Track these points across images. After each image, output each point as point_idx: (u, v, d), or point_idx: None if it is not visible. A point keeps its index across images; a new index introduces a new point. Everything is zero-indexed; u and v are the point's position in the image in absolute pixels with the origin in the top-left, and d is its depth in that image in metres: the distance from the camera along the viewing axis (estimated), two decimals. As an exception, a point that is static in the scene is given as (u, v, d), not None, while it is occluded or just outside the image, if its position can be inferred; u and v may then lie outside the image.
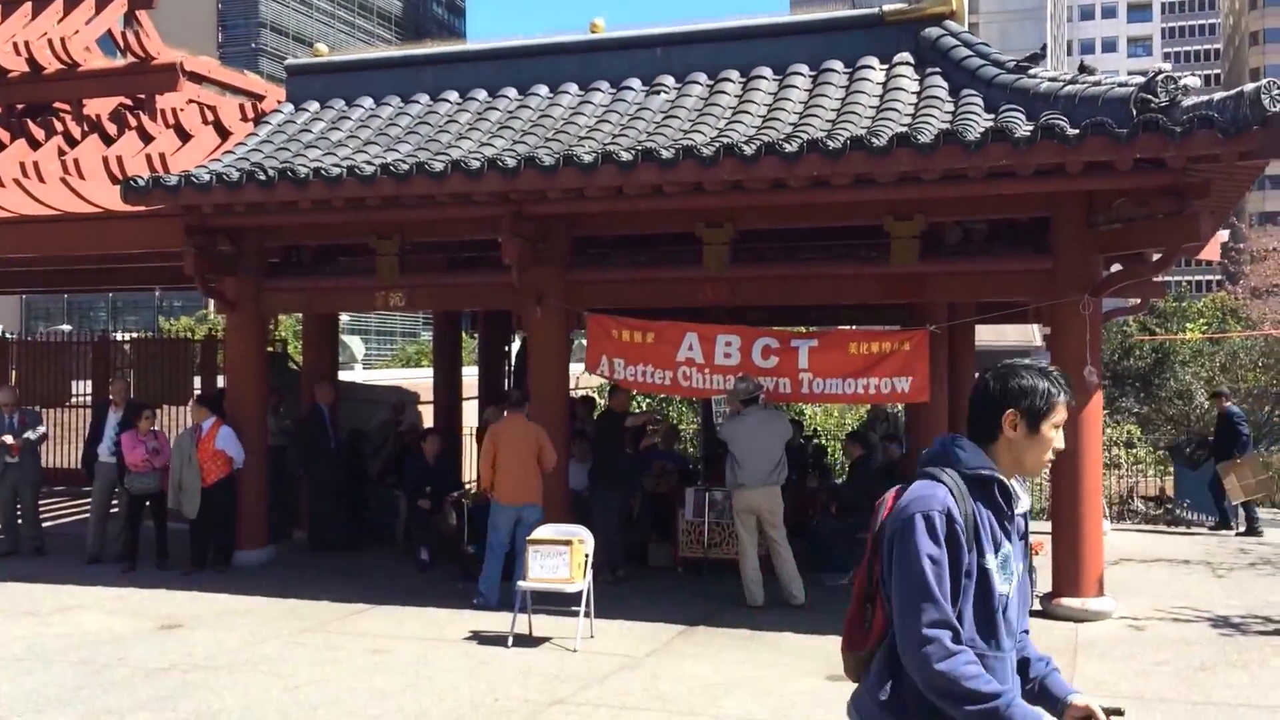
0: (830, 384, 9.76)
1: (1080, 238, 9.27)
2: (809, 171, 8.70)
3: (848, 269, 9.95)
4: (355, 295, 11.25)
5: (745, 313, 12.42)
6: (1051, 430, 2.94)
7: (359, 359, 28.65)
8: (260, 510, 11.29)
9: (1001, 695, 2.71)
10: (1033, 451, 2.94)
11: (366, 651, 7.95)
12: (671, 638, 8.46)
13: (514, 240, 9.69)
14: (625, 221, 10.25)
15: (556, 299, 10.26)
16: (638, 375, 10.10)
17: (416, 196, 9.62)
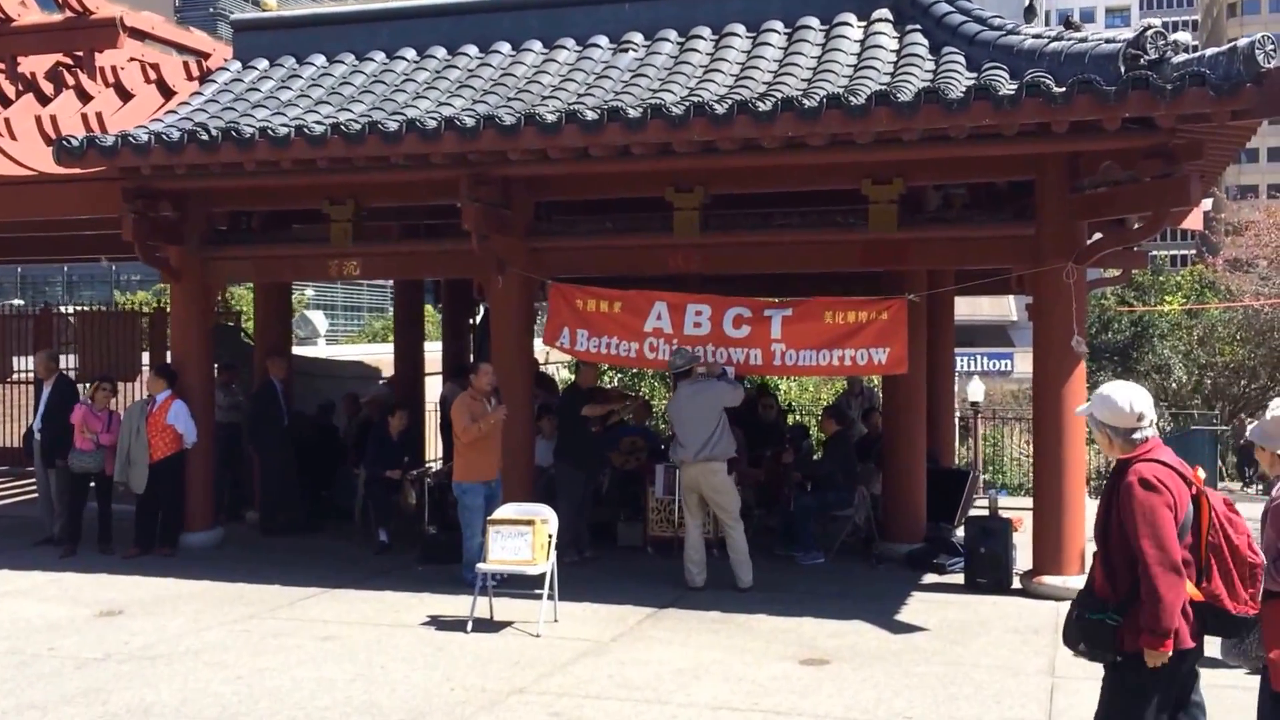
0: (804, 355, 9.33)
1: (1065, 203, 8.89)
2: (784, 132, 8.26)
3: (824, 235, 9.52)
4: (308, 263, 10.73)
5: (717, 283, 12.00)
6: None
7: (321, 334, 28.11)
8: (208, 490, 10.80)
9: None
10: None
11: (317, 639, 7.51)
12: (639, 621, 8.07)
13: (473, 205, 9.20)
14: (591, 185, 9.79)
15: (519, 267, 9.79)
16: (601, 347, 9.65)
17: (369, 158, 9.11)
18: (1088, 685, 6.66)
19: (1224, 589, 4.08)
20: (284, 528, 11.23)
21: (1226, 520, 4.12)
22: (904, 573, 9.79)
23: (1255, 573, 4.13)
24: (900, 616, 8.24)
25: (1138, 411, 4.16)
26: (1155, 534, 3.97)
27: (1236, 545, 4.11)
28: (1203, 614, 4.11)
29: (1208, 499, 4.12)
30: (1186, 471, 4.15)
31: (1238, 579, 4.09)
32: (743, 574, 9.03)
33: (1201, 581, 4.09)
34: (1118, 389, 4.26)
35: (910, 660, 7.16)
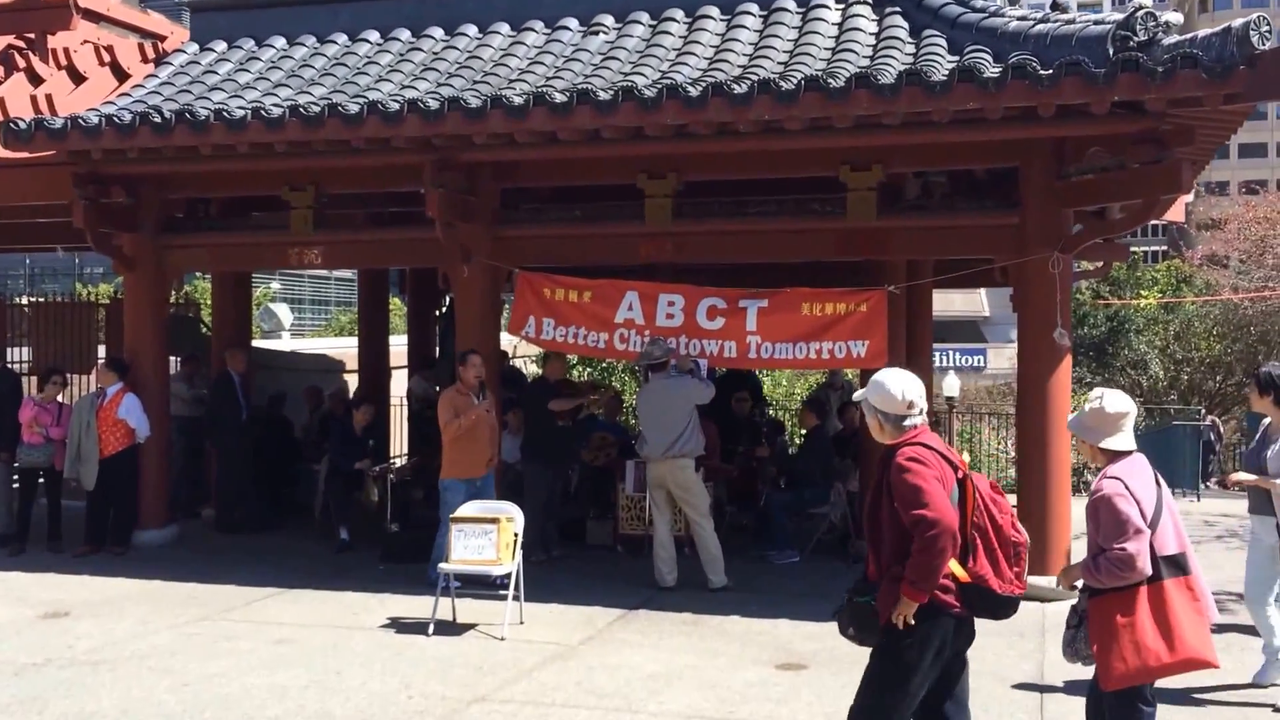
0: (780, 348, 9.04)
1: (1050, 190, 8.64)
2: (759, 115, 7.96)
3: (801, 224, 9.23)
4: (266, 252, 10.34)
5: (691, 274, 11.68)
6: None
7: (286, 327, 27.60)
8: (162, 486, 10.41)
9: None
10: None
11: (270, 642, 7.16)
12: (609, 623, 7.75)
13: (437, 191, 8.85)
14: (561, 172, 9.46)
15: (485, 256, 9.45)
16: (569, 337, 9.32)
17: (329, 142, 8.74)
18: (1078, 692, 6.41)
19: (989, 569, 4.08)
20: (242, 525, 10.84)
21: (991, 501, 4.15)
22: (882, 572, 9.48)
23: (1020, 552, 4.15)
24: (880, 618, 7.94)
25: (909, 399, 4.19)
26: (929, 500, 3.98)
27: (1001, 525, 4.13)
28: (969, 595, 4.09)
29: (972, 481, 4.14)
30: (952, 455, 4.18)
31: (1003, 559, 4.10)
32: (714, 574, 8.74)
33: (967, 561, 4.07)
34: (891, 376, 4.27)
35: (890, 664, 6.87)
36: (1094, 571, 4.25)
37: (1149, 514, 4.25)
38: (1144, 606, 4.19)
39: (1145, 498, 4.27)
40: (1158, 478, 4.44)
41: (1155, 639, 4.16)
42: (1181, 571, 4.28)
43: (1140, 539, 4.16)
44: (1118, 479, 4.28)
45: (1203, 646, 4.26)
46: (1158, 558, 4.23)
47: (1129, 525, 4.17)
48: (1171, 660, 4.19)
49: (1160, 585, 4.22)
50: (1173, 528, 4.34)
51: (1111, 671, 4.23)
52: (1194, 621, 4.22)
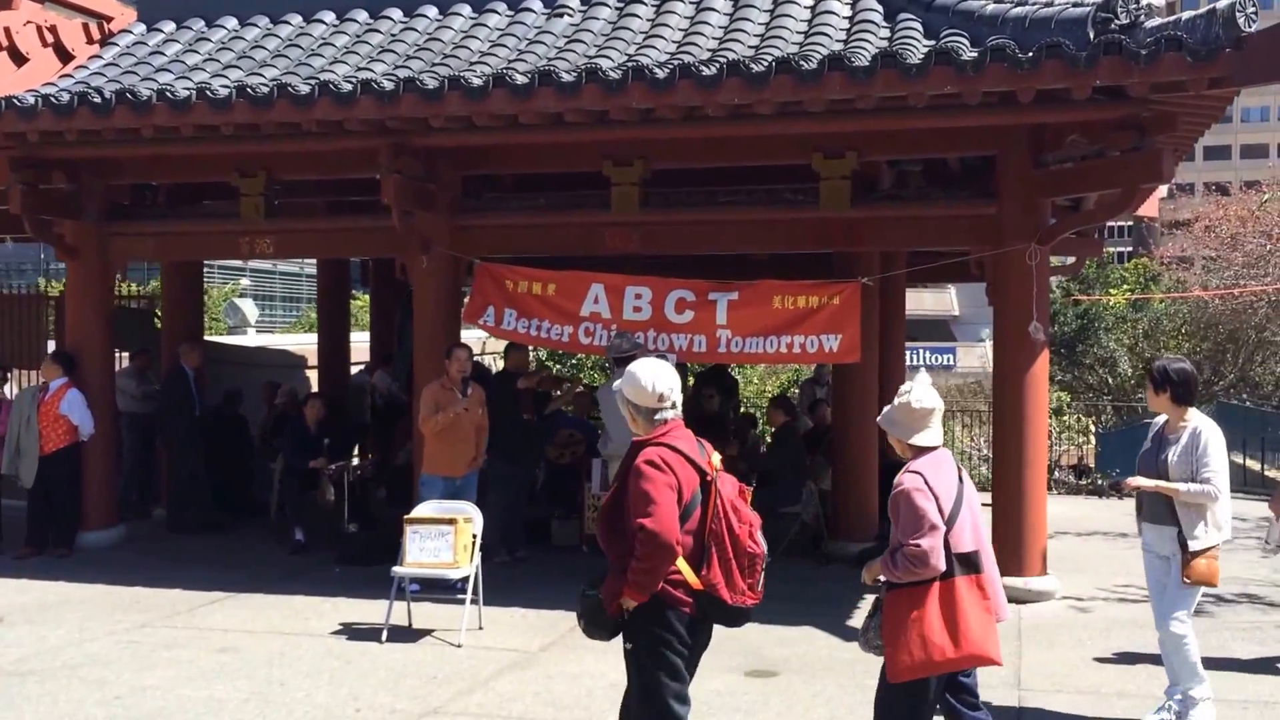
0: (751, 342, 8.73)
1: (1028, 179, 8.38)
2: (729, 98, 7.65)
3: (772, 214, 8.95)
4: (216, 240, 9.92)
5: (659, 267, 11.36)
6: None
7: (252, 323, 27.08)
8: (109, 485, 9.98)
9: None
10: None
11: (213, 650, 6.77)
12: (572, 628, 7.33)
13: (394, 177, 8.49)
14: (523, 158, 9.11)
15: (445, 245, 9.09)
16: (532, 330, 8.98)
17: (279, 125, 8.34)
18: (1057, 699, 6.15)
19: (722, 578, 4.01)
20: (194, 525, 10.42)
21: (731, 509, 4.06)
22: (855, 573, 9.05)
23: (755, 563, 4.07)
24: (853, 622, 7.66)
25: (659, 392, 4.09)
26: (654, 510, 3.90)
27: (738, 535, 4.05)
28: (701, 601, 4.03)
29: (717, 487, 4.04)
30: (699, 458, 4.06)
31: (736, 569, 4.03)
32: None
33: (701, 569, 4.00)
34: (644, 367, 4.18)
35: (864, 671, 6.56)
36: (891, 566, 4.24)
37: (947, 510, 4.23)
38: (934, 602, 4.19)
39: (945, 494, 4.26)
40: (961, 474, 4.43)
41: (942, 634, 4.17)
42: (974, 570, 4.26)
43: (935, 535, 4.14)
44: (918, 474, 4.26)
45: (987, 643, 4.23)
46: (952, 555, 4.22)
47: (924, 521, 4.15)
48: (955, 655, 4.18)
49: (952, 582, 4.21)
50: (971, 525, 4.32)
51: (898, 664, 4.23)
52: (981, 619, 4.22)
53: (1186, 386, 5.50)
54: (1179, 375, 5.49)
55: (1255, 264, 23.08)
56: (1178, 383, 5.48)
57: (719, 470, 4.11)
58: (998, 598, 4.40)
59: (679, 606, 4.02)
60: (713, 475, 4.06)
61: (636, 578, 3.95)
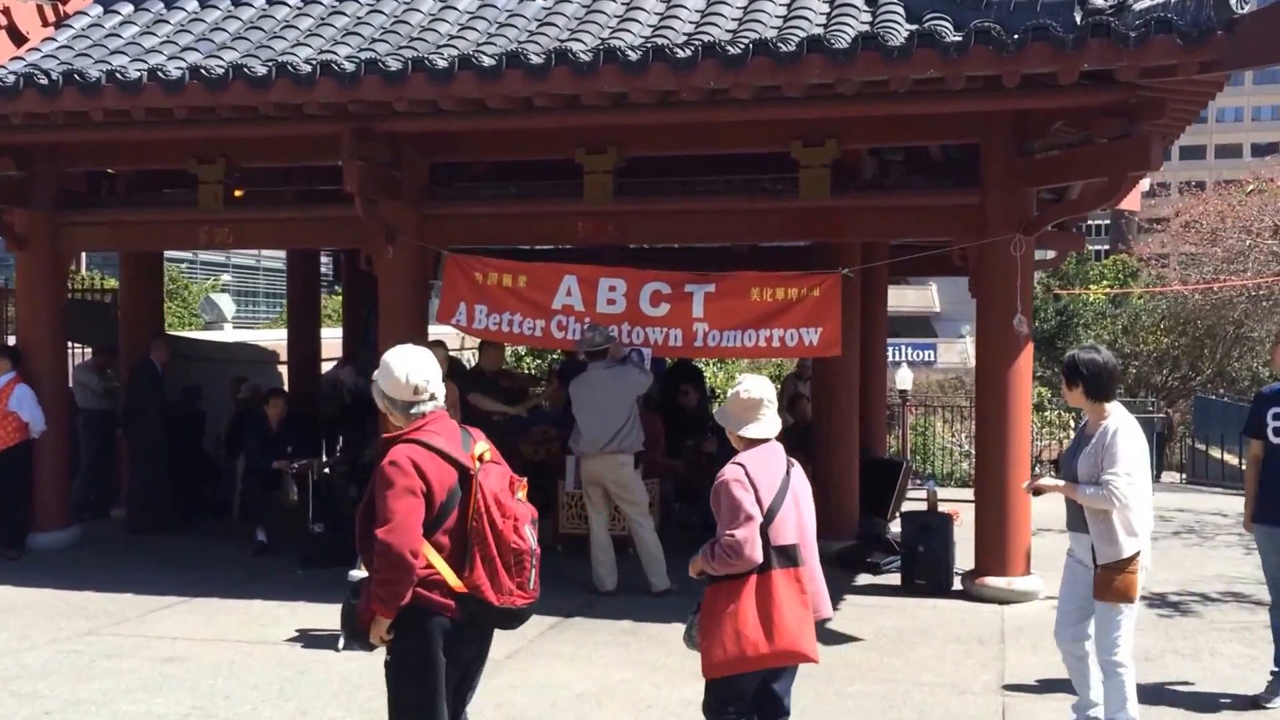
0: (729, 336, 8.44)
1: (1012, 168, 8.13)
2: (705, 82, 7.35)
3: (749, 203, 8.65)
4: (173, 230, 9.55)
5: (634, 260, 11.08)
6: None
7: (229, 318, 26.65)
8: (62, 484, 9.61)
9: None
10: None
11: (158, 660, 6.44)
12: (540, 634, 7.12)
13: (357, 164, 8.14)
14: (492, 145, 8.80)
15: (411, 236, 8.77)
16: (503, 325, 8.66)
17: (235, 108, 7.99)
18: (1043, 705, 5.89)
19: (486, 579, 3.78)
20: (154, 526, 10.06)
21: (494, 504, 3.80)
22: (836, 573, 8.88)
23: (523, 560, 3.84)
24: (832, 625, 7.37)
25: (414, 383, 3.86)
26: (389, 517, 3.66)
27: (501, 531, 3.80)
28: (467, 605, 3.80)
29: (479, 482, 3.79)
30: (458, 452, 3.81)
31: (502, 568, 3.80)
32: (656, 576, 8.15)
33: (463, 570, 3.78)
34: (398, 355, 3.93)
35: (844, 677, 6.32)
36: (708, 557, 4.12)
37: (767, 502, 4.11)
38: (750, 595, 4.09)
39: (767, 486, 4.14)
40: (791, 468, 4.30)
41: (756, 629, 4.06)
42: (792, 563, 4.15)
43: (749, 526, 4.03)
44: (739, 465, 4.16)
45: (801, 639, 4.12)
46: (771, 547, 4.09)
47: (740, 512, 4.04)
48: (769, 651, 4.07)
49: (769, 575, 4.10)
50: (795, 519, 4.20)
51: (712, 659, 4.14)
52: (798, 614, 4.11)
53: (1100, 379, 5.00)
54: (1090, 368, 4.99)
55: (1235, 259, 23.00)
56: (1089, 376, 4.99)
57: (486, 462, 3.86)
58: (819, 594, 4.30)
59: (441, 613, 3.78)
60: (474, 469, 3.80)
61: (379, 591, 3.72)
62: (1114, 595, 4.85)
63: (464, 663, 3.96)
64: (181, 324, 31.61)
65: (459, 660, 3.91)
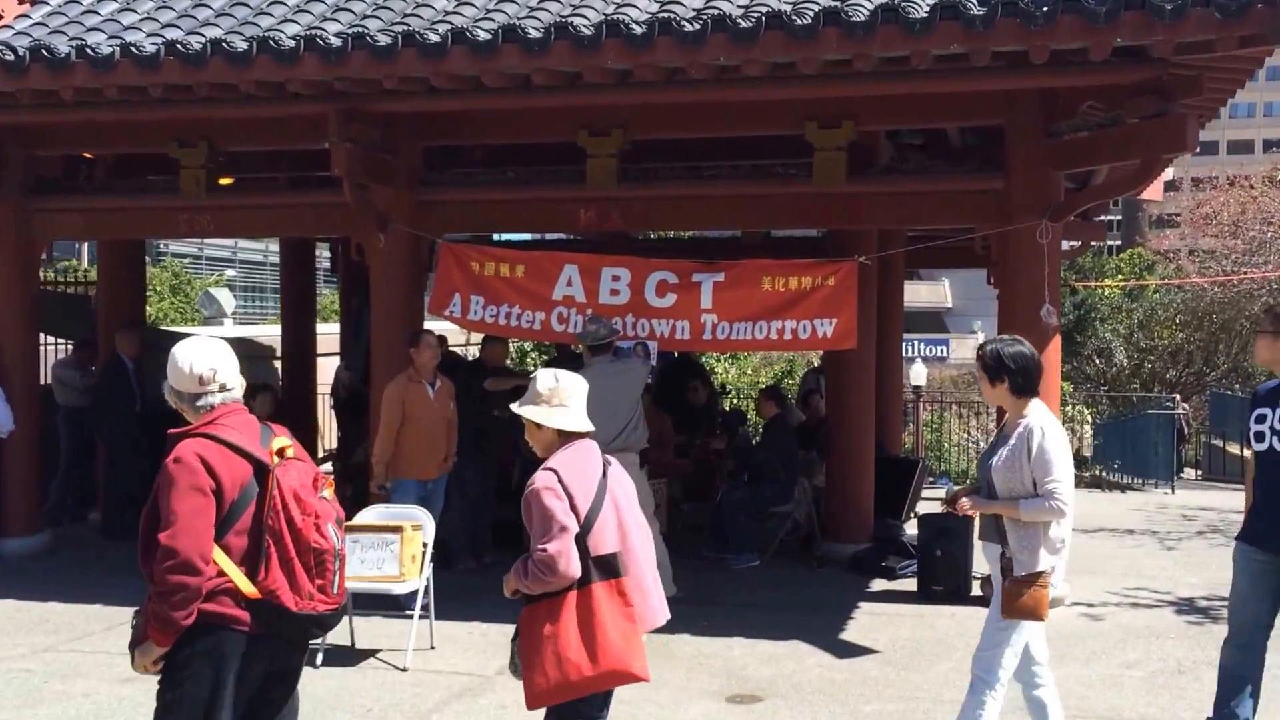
0: (739, 328, 7.99)
1: (1039, 150, 7.67)
2: (714, 58, 6.89)
3: (760, 188, 8.22)
4: (152, 217, 9.10)
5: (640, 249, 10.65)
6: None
7: (229, 313, 26.27)
8: (31, 487, 9.13)
9: None
10: None
11: (116, 681, 5.98)
12: (536, 646, 6.66)
13: (345, 146, 7.71)
14: (490, 126, 8.37)
15: (404, 223, 8.32)
16: (500, 317, 8.22)
17: (214, 86, 7.54)
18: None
19: (283, 581, 3.44)
20: (130, 530, 9.58)
21: (294, 500, 3.47)
22: (849, 578, 8.53)
23: (324, 561, 3.49)
24: (846, 635, 6.95)
25: (199, 373, 3.57)
26: (172, 522, 3.34)
27: (300, 529, 3.46)
28: (263, 613, 3.43)
29: (275, 477, 3.46)
30: (253, 446, 3.48)
31: (301, 569, 3.46)
32: (661, 582, 7.68)
33: (258, 574, 3.43)
34: (185, 346, 3.66)
35: (858, 695, 5.88)
36: (521, 575, 3.75)
37: (584, 509, 3.76)
38: (570, 614, 3.71)
39: (582, 491, 3.79)
40: (607, 467, 3.95)
41: (578, 650, 3.69)
42: (613, 574, 3.79)
43: (564, 538, 3.67)
44: (551, 471, 3.80)
45: (628, 657, 3.73)
46: (590, 558, 3.74)
47: (553, 523, 3.69)
48: (594, 674, 3.69)
49: (589, 590, 3.74)
50: (615, 524, 3.86)
51: (535, 688, 3.74)
52: (622, 630, 3.74)
53: (1029, 374, 4.43)
54: (1017, 361, 4.42)
55: (1256, 250, 22.50)
56: (1016, 370, 4.41)
57: (288, 459, 3.52)
58: (648, 602, 3.96)
59: (230, 625, 3.42)
60: (272, 464, 3.46)
61: (158, 609, 3.36)
62: (1022, 611, 4.30)
63: (252, 679, 3.55)
64: (183, 319, 31.27)
65: (247, 676, 3.52)
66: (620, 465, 4.04)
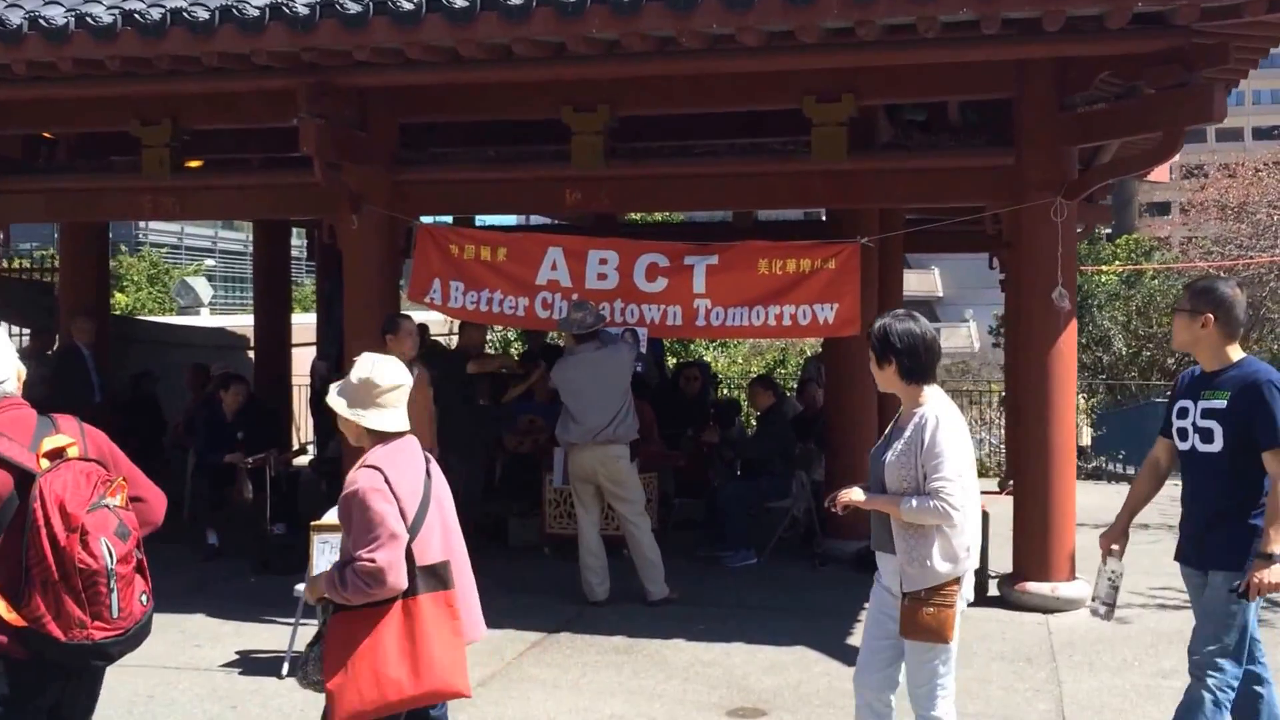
0: (734, 314, 7.55)
1: (1052, 124, 7.25)
2: (707, 24, 6.41)
3: (756, 166, 7.81)
4: (114, 199, 8.59)
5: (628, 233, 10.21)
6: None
7: (205, 302, 25.82)
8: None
9: None
10: None
11: (75, 690, 5.54)
12: (520, 653, 6.24)
13: (314, 122, 7.22)
14: (469, 102, 7.89)
15: (380, 204, 7.85)
16: (482, 304, 7.77)
17: (176, 59, 7.05)
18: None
19: (46, 609, 2.99)
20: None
21: (58, 514, 2.99)
22: (853, 577, 8.07)
23: (96, 584, 3.02)
24: (854, 640, 6.50)
25: None
26: None
27: (65, 548, 2.99)
28: (34, 642, 3.01)
29: (42, 488, 2.99)
30: (14, 452, 3.03)
31: (67, 595, 3.00)
32: (653, 584, 7.29)
33: (20, 600, 3.00)
34: None
35: (871, 706, 5.44)
36: (338, 585, 3.39)
37: (411, 514, 3.46)
38: (392, 628, 3.42)
39: (409, 495, 3.48)
40: (430, 466, 3.66)
41: (400, 667, 3.39)
42: (441, 585, 3.51)
43: (393, 547, 3.36)
44: (376, 470, 3.45)
45: (452, 674, 3.47)
46: (416, 568, 3.44)
47: (382, 530, 3.36)
48: (415, 692, 3.41)
49: (414, 601, 3.45)
50: (440, 531, 3.58)
51: (346, 706, 3.37)
52: (448, 644, 3.48)
53: (917, 356, 3.83)
54: (905, 339, 3.82)
55: (1262, 234, 22.17)
56: (903, 350, 3.82)
57: (65, 461, 3.07)
58: (470, 614, 3.68)
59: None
60: (39, 469, 3.02)
61: None
62: (923, 632, 3.75)
63: (44, 708, 3.15)
64: (161, 309, 30.77)
65: (35, 705, 3.12)
66: (434, 463, 3.68)
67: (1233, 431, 4.03)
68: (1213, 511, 4.13)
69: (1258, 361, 4.17)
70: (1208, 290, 4.15)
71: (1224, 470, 4.07)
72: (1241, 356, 4.14)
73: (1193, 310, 4.14)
